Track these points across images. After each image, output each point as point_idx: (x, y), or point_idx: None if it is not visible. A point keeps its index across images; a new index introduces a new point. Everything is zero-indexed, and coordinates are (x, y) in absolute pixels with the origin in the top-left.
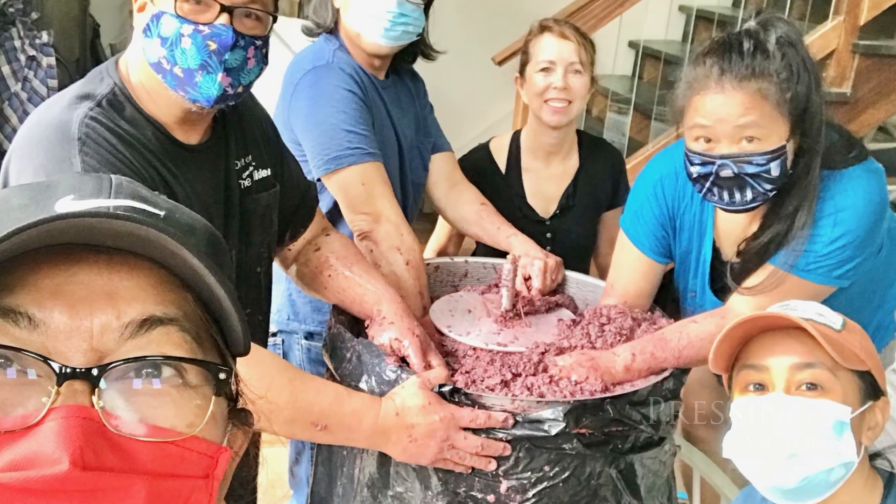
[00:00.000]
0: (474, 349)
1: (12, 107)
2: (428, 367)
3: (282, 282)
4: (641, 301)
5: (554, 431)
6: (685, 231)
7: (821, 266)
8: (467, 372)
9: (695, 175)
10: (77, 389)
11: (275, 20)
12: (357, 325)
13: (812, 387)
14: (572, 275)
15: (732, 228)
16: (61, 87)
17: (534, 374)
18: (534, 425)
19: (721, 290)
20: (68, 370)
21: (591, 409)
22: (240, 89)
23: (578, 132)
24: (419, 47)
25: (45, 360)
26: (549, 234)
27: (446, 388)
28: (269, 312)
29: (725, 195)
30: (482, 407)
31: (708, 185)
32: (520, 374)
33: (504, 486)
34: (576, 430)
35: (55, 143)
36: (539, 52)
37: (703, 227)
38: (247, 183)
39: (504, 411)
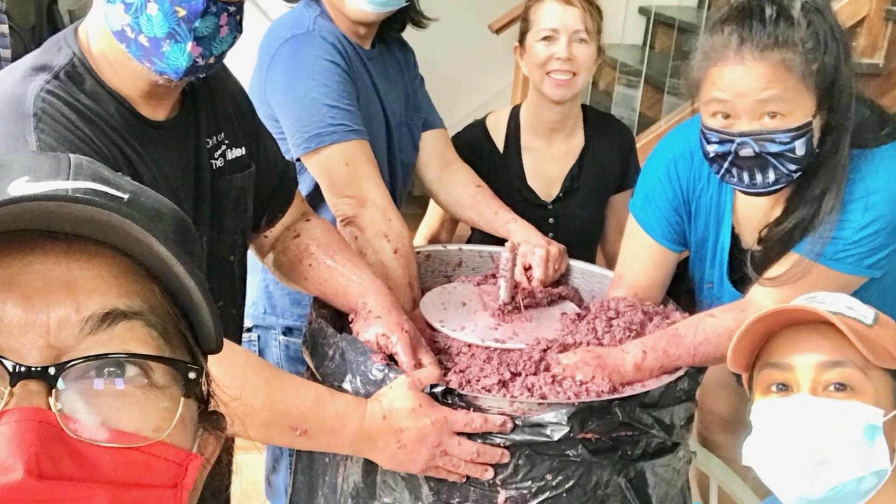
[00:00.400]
0: (469, 346)
1: None
2: (418, 365)
3: (257, 272)
4: (653, 293)
5: (557, 436)
6: (701, 216)
7: (850, 254)
8: (461, 371)
9: (712, 154)
10: (32, 390)
11: None
12: (340, 320)
13: (841, 387)
14: (577, 264)
15: (753, 213)
16: (15, 57)
17: (534, 374)
18: (535, 430)
19: (740, 281)
20: (22, 369)
21: (597, 412)
22: (211, 60)
23: (584, 107)
24: (408, 14)
25: None
26: (551, 220)
27: (438, 389)
28: (243, 306)
29: (745, 176)
30: (478, 409)
31: (726, 165)
32: (519, 374)
33: (502, 496)
34: (581, 434)
35: (8, 120)
36: (540, 18)
37: (720, 211)
38: (219, 163)
39: (502, 414)
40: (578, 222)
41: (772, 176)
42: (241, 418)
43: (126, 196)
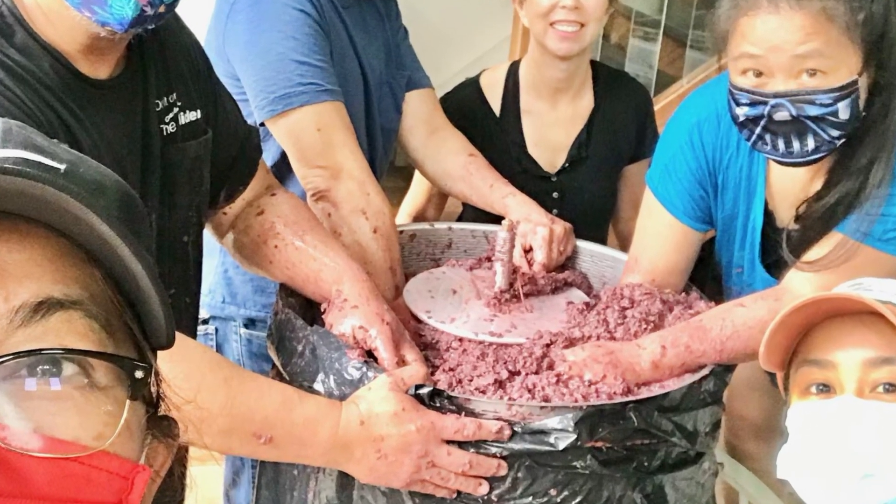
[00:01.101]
0: (460, 340)
1: None
2: (401, 363)
3: (215, 255)
4: (673, 279)
5: (562, 445)
6: (730, 190)
7: None
8: (451, 369)
9: (742, 118)
10: None
11: None
12: (311, 310)
13: (891, 388)
14: (585, 245)
15: (790, 187)
16: None
17: (536, 373)
18: (536, 437)
19: (775, 265)
20: None
21: (609, 417)
22: (161, 9)
23: (593, 64)
24: None
25: None
26: (555, 194)
27: (425, 391)
28: (198, 294)
29: (781, 144)
30: (470, 414)
31: (758, 131)
32: (518, 373)
33: None
34: (590, 443)
35: None
36: None
37: (752, 184)
38: (170, 128)
39: (498, 419)
40: (587, 197)
41: (811, 143)
42: (196, 424)
43: (63, 167)
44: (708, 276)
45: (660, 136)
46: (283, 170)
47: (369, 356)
